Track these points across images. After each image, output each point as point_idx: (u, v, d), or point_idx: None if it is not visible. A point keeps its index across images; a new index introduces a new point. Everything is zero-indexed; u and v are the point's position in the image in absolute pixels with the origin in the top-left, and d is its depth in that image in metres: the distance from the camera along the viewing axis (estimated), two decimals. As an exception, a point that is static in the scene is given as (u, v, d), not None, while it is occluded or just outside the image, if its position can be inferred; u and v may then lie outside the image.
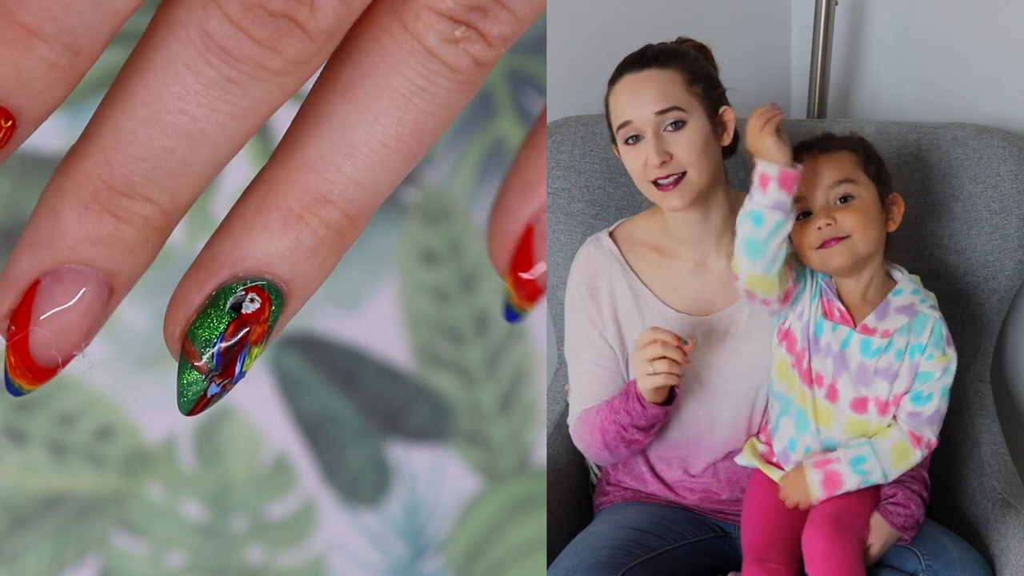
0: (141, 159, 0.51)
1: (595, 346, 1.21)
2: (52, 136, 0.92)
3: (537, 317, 0.99)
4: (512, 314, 0.60)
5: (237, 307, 0.54)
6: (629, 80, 1.14)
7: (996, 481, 1.27)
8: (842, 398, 1.14)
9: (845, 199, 1.11)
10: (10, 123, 0.50)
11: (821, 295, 1.13)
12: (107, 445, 0.93)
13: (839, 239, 1.10)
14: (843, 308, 1.13)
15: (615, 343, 1.21)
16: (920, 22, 1.50)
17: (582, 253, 1.24)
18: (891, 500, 1.15)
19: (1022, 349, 1.45)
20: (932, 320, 1.13)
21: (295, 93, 0.53)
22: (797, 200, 1.09)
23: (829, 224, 1.10)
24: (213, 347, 0.54)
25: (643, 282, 1.21)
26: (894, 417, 1.14)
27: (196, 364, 0.54)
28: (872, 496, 1.15)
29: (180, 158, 0.51)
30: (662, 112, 1.12)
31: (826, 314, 1.13)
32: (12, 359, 0.52)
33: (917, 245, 1.32)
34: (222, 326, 0.54)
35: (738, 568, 1.21)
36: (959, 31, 1.47)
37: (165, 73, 0.50)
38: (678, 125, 1.12)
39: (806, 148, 1.14)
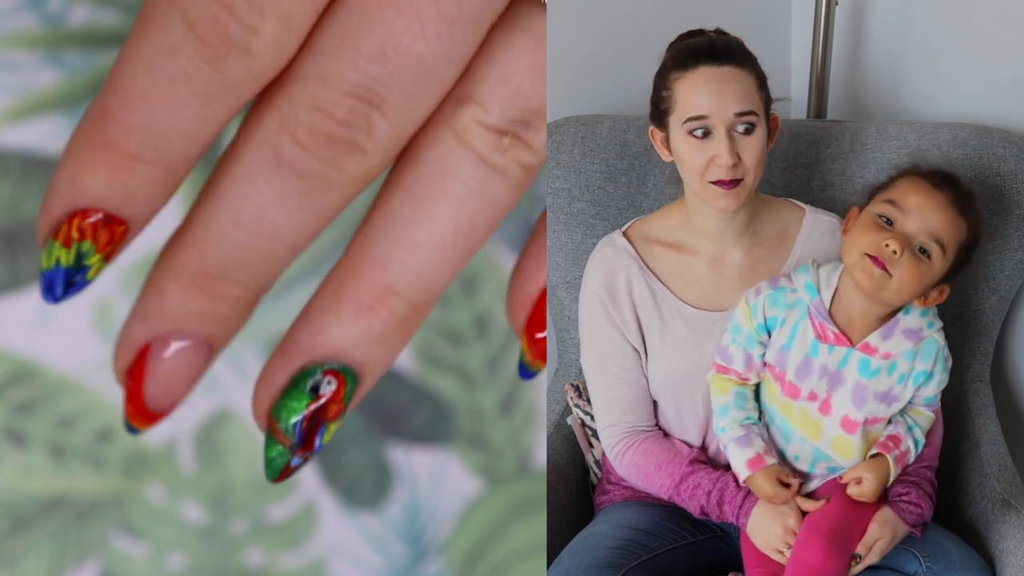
0: (229, 253, 0.60)
1: (619, 350, 1.20)
2: (53, 138, 0.92)
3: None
4: (527, 372, 0.67)
5: (316, 388, 0.63)
6: (708, 73, 1.11)
7: (996, 481, 1.27)
8: (835, 412, 1.12)
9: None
10: (123, 228, 0.60)
11: (810, 318, 1.11)
12: (107, 447, 0.93)
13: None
14: (837, 330, 1.11)
15: (637, 343, 1.20)
16: (920, 22, 1.50)
17: (597, 256, 1.22)
18: (904, 498, 1.14)
19: (1022, 349, 1.45)
20: (938, 347, 1.12)
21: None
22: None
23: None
24: (295, 425, 0.63)
25: (660, 280, 1.20)
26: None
27: (280, 439, 0.63)
28: (866, 515, 1.13)
29: (264, 253, 0.61)
30: (741, 114, 1.10)
31: (820, 337, 1.11)
32: (130, 408, 0.63)
33: (917, 245, 1.32)
34: (303, 406, 0.63)
35: (738, 568, 1.21)
36: (959, 31, 1.47)
37: (247, 186, 0.59)
38: (749, 129, 1.11)
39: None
